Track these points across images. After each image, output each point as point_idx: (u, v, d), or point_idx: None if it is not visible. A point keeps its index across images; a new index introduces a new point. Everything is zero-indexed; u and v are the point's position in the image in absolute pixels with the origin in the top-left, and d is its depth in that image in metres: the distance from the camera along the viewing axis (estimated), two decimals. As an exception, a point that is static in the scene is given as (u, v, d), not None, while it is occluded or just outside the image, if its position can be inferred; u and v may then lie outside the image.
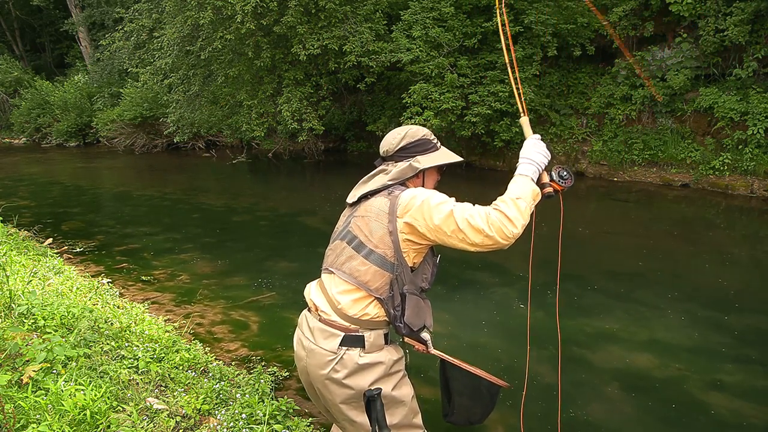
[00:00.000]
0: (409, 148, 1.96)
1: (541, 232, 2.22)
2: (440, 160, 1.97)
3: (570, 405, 3.29)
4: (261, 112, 12.55)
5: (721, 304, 4.81)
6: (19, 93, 24.31)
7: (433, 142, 2.00)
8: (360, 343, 1.84)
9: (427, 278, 1.94)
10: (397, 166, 1.94)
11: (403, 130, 1.99)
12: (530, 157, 1.82)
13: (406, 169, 1.93)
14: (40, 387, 2.42)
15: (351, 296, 1.86)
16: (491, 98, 10.31)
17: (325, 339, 1.87)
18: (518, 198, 1.75)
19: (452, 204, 1.79)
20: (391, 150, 1.96)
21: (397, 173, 1.92)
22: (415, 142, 1.97)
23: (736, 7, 8.88)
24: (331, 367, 1.84)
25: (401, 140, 1.96)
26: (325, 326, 1.88)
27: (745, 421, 3.16)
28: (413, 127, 2.00)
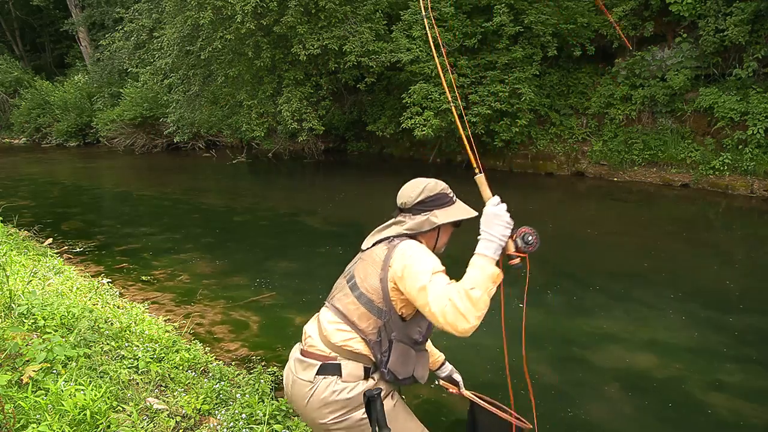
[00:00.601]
0: (427, 202, 1.97)
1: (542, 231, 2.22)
2: (457, 216, 1.99)
3: (570, 405, 3.29)
4: (261, 112, 12.55)
5: (721, 304, 4.81)
6: (19, 93, 24.32)
7: (450, 196, 2.03)
8: (336, 372, 1.87)
9: (422, 332, 1.94)
10: (414, 219, 1.96)
11: (422, 184, 1.99)
12: (490, 231, 1.71)
13: (423, 222, 1.95)
14: (40, 387, 2.41)
15: (338, 326, 1.92)
16: (491, 98, 10.32)
17: (303, 370, 1.92)
18: (472, 288, 1.67)
19: (429, 278, 1.73)
20: (409, 203, 1.97)
21: (413, 225, 1.95)
22: (434, 197, 1.98)
23: (736, 7, 8.88)
24: (308, 397, 1.88)
25: (420, 194, 1.97)
26: (304, 357, 1.94)
27: (745, 421, 3.16)
28: (431, 181, 2.01)
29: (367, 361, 1.90)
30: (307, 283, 5.43)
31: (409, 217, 1.97)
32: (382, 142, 14.58)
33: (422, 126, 10.37)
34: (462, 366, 3.81)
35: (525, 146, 11.73)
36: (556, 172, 11.28)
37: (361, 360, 1.89)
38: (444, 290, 1.68)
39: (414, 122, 10.48)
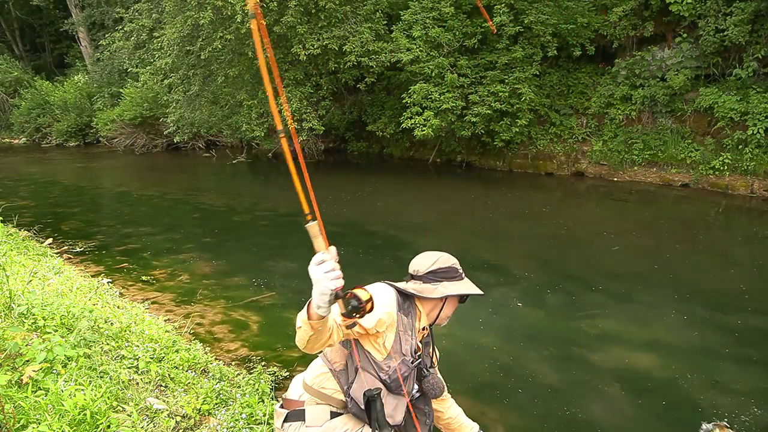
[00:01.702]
0: (438, 272, 2.07)
1: (542, 231, 2.22)
2: (464, 290, 2.07)
3: (570, 405, 3.29)
4: (261, 112, 12.54)
5: (721, 304, 4.82)
6: (19, 93, 24.31)
7: (460, 272, 2.11)
8: (301, 417, 2.00)
9: (389, 373, 1.93)
10: (422, 285, 2.06)
11: (435, 256, 2.10)
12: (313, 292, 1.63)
13: (432, 290, 2.05)
14: (40, 387, 2.41)
15: (316, 365, 2.07)
16: (491, 98, 10.32)
17: (276, 419, 2.09)
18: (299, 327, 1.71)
19: None
20: (422, 271, 2.07)
21: (421, 289, 2.05)
22: (446, 269, 2.08)
23: (736, 7, 8.88)
24: None
25: (433, 264, 2.07)
26: (278, 408, 2.11)
27: (745, 421, 3.16)
28: (444, 255, 2.12)
29: (336, 404, 1.99)
30: (307, 283, 5.37)
31: (418, 283, 2.07)
32: (382, 142, 14.58)
33: (422, 126, 10.37)
34: (461, 365, 3.82)
35: (525, 146, 11.73)
36: (556, 172, 11.28)
37: (330, 402, 1.99)
38: None
39: (414, 122, 10.48)
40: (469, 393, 3.43)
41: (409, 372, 1.99)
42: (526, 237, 7.12)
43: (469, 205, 9.11)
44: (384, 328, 1.91)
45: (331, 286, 1.53)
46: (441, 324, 2.14)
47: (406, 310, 2.03)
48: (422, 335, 2.12)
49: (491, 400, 3.38)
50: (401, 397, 2.00)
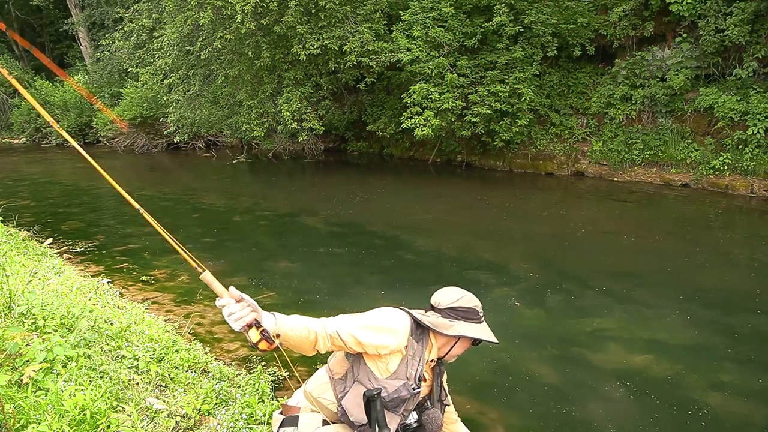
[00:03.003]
0: (459, 311, 2.05)
1: (542, 231, 2.22)
2: (479, 335, 2.05)
3: (570, 405, 3.29)
4: (261, 112, 12.55)
5: (721, 304, 4.81)
6: (19, 93, 24.28)
7: (480, 315, 2.10)
8: (294, 423, 2.03)
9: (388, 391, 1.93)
10: (440, 319, 2.05)
11: (459, 294, 2.09)
12: None
13: (449, 327, 2.03)
14: (40, 387, 2.41)
15: (318, 374, 2.12)
16: (491, 98, 10.31)
17: (273, 425, 2.13)
18: None
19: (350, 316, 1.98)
20: (443, 305, 2.06)
21: (438, 323, 2.03)
22: (467, 309, 2.06)
23: (736, 7, 8.88)
24: None
25: (455, 301, 2.06)
26: (276, 414, 2.15)
27: (745, 421, 3.16)
28: (469, 295, 2.11)
29: (330, 415, 2.01)
30: (307, 283, 5.43)
31: (436, 316, 2.07)
32: (382, 142, 14.58)
33: (422, 126, 10.37)
34: (461, 365, 3.82)
35: (525, 146, 11.73)
36: (556, 172, 11.28)
37: (325, 412, 2.02)
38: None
39: (414, 122, 10.48)
40: (469, 393, 3.43)
41: (408, 396, 1.97)
42: (526, 237, 7.12)
43: (469, 205, 9.11)
44: (387, 352, 1.91)
45: (237, 327, 1.70)
46: (449, 361, 2.13)
47: (418, 337, 2.01)
48: (430, 366, 2.10)
49: (491, 400, 3.38)
50: (394, 415, 1.99)
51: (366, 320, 1.91)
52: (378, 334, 1.88)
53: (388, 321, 1.93)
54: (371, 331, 1.88)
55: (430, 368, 2.09)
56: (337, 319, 1.89)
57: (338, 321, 1.88)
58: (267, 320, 1.75)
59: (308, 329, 1.79)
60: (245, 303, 1.73)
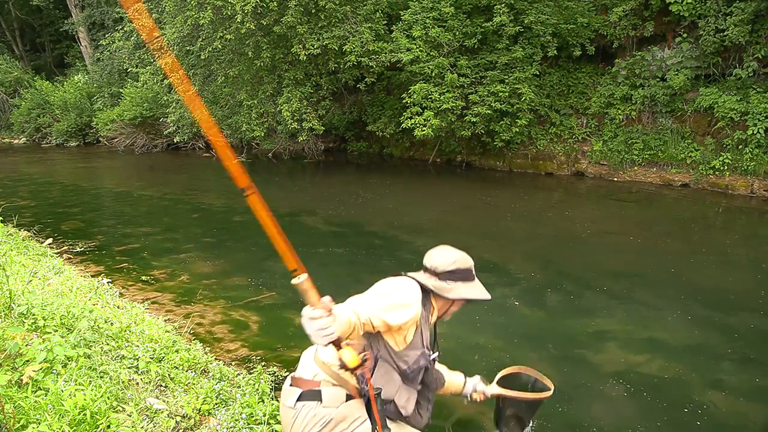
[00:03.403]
0: (456, 273, 2.13)
1: (542, 231, 2.23)
2: (477, 296, 2.16)
3: (570, 405, 3.29)
4: (261, 112, 12.55)
5: (721, 304, 4.81)
6: (19, 93, 24.30)
7: (474, 273, 2.20)
8: (317, 397, 1.96)
9: (408, 363, 2.00)
10: (440, 283, 2.12)
11: (454, 255, 2.15)
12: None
13: (449, 291, 2.11)
14: (40, 387, 2.41)
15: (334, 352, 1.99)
16: (491, 98, 10.32)
17: (287, 398, 2.04)
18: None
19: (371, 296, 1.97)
20: (440, 269, 2.12)
21: (439, 287, 2.11)
22: (464, 271, 2.15)
23: (736, 7, 8.88)
24: (291, 424, 1.98)
25: (452, 264, 2.13)
26: (289, 387, 2.07)
27: (745, 421, 3.16)
28: (463, 256, 2.17)
29: (351, 389, 1.96)
30: (307, 283, 5.41)
31: (436, 280, 2.12)
32: (382, 142, 14.58)
33: (422, 126, 10.38)
34: (460, 365, 3.81)
35: (525, 146, 11.73)
36: (556, 172, 11.28)
37: (346, 386, 1.96)
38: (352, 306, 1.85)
39: (414, 122, 10.48)
40: (469, 393, 3.43)
41: (426, 365, 2.05)
42: (526, 237, 7.12)
43: (469, 205, 9.11)
44: (408, 325, 1.96)
45: (322, 343, 1.59)
46: (445, 319, 2.21)
47: (424, 302, 2.06)
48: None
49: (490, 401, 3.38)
50: (412, 389, 2.03)
51: (386, 300, 1.91)
52: (401, 311, 1.92)
53: (405, 295, 1.97)
54: (396, 310, 1.91)
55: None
56: (360, 305, 1.84)
57: (363, 306, 1.84)
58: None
59: (350, 322, 1.75)
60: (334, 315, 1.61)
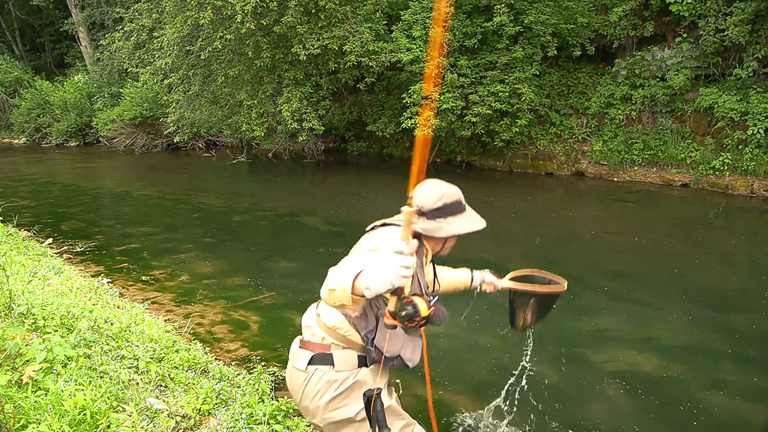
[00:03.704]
0: (444, 209, 1.95)
1: (543, 231, 2.22)
2: (471, 228, 1.98)
3: (570, 405, 3.29)
4: (261, 112, 12.54)
5: (721, 304, 4.81)
6: (19, 93, 24.30)
7: (464, 203, 2.03)
8: (329, 361, 1.90)
9: None
10: (428, 223, 1.95)
11: (440, 189, 1.97)
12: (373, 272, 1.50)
13: (438, 229, 1.95)
14: (40, 387, 2.41)
15: (335, 314, 1.94)
16: (491, 98, 10.32)
17: (298, 360, 1.96)
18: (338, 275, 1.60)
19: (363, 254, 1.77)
20: (426, 207, 1.95)
21: (429, 228, 1.95)
22: (452, 204, 1.97)
23: (736, 7, 8.88)
24: (303, 388, 1.93)
25: (438, 200, 1.95)
26: (299, 349, 1.98)
27: (745, 421, 3.16)
28: (450, 188, 2.00)
29: (360, 349, 1.91)
30: (306, 283, 5.43)
31: (423, 220, 1.96)
32: (382, 142, 14.58)
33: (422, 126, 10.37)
34: (460, 365, 3.82)
35: (525, 146, 11.73)
36: (556, 172, 11.28)
37: (354, 347, 1.90)
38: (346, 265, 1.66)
39: (414, 122, 10.48)
40: (469, 393, 3.43)
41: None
42: (526, 237, 7.12)
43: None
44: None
45: (397, 283, 1.46)
46: (443, 254, 2.08)
47: (418, 251, 1.93)
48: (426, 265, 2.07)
49: (490, 400, 3.38)
50: (417, 338, 1.94)
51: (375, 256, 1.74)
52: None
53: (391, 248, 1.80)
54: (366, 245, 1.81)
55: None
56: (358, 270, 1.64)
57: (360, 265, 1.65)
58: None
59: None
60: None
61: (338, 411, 1.89)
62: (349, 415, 1.89)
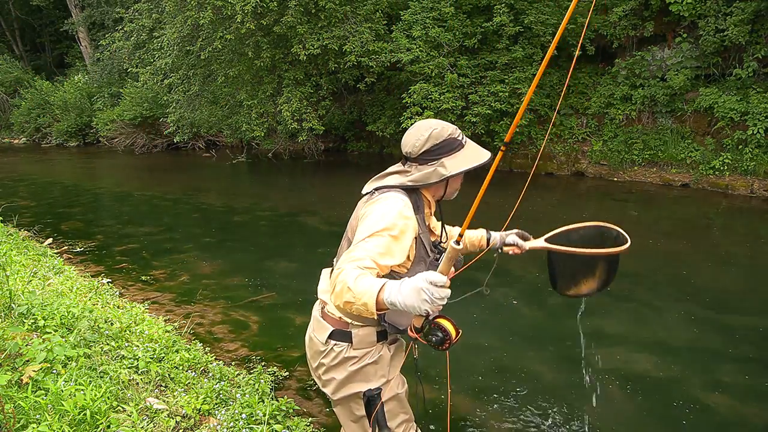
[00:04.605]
0: (434, 150, 1.78)
1: (542, 231, 2.22)
2: (467, 165, 1.78)
3: (570, 405, 3.30)
4: (261, 112, 12.55)
5: (721, 304, 4.81)
6: (19, 93, 24.31)
7: (459, 139, 1.81)
8: (347, 339, 1.86)
9: None
10: (420, 169, 1.80)
11: (427, 130, 1.79)
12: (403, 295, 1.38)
13: (431, 174, 1.78)
14: (40, 387, 2.41)
15: None
16: (491, 98, 10.32)
17: (319, 330, 1.92)
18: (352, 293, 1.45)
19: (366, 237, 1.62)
20: (415, 152, 1.79)
21: (420, 177, 1.79)
22: (441, 144, 1.78)
23: (736, 7, 8.88)
24: (319, 359, 1.91)
25: (425, 142, 1.77)
26: (321, 318, 1.93)
27: (745, 421, 3.16)
28: (438, 125, 1.80)
29: (378, 324, 1.84)
30: (306, 283, 5.41)
31: (415, 167, 1.81)
32: (382, 142, 14.58)
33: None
34: (460, 365, 3.82)
35: (525, 146, 11.74)
36: (556, 172, 11.28)
37: (372, 324, 1.84)
38: (352, 264, 1.54)
39: (414, 122, 10.48)
40: (469, 393, 3.43)
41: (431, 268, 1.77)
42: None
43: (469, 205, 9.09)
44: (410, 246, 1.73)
45: (425, 311, 1.36)
46: (450, 198, 1.92)
47: (416, 207, 1.79)
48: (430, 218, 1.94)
49: (490, 400, 3.38)
50: None
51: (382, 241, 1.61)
52: (401, 243, 1.66)
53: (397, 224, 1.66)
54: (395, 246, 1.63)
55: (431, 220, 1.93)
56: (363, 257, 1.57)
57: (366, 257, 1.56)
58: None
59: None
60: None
61: (350, 386, 1.87)
62: (358, 390, 1.87)
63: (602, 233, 2.09)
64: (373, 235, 1.62)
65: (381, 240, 1.61)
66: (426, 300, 1.34)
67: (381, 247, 1.60)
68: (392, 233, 1.64)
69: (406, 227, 1.69)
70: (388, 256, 1.61)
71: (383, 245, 1.61)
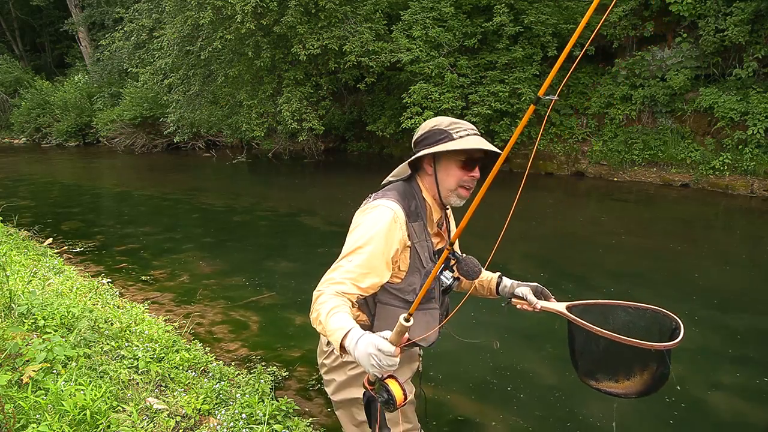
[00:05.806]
0: (419, 142, 1.71)
1: (543, 232, 2.21)
2: (446, 147, 1.62)
3: (570, 405, 3.29)
4: (261, 112, 12.56)
5: (721, 304, 4.81)
6: (19, 93, 24.33)
7: (447, 131, 1.65)
8: None
9: (416, 290, 1.72)
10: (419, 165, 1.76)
11: (428, 123, 1.74)
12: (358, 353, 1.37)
13: (403, 167, 1.73)
14: (40, 387, 2.41)
15: None
16: (491, 98, 10.32)
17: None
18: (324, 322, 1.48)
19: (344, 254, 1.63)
20: (413, 145, 1.75)
21: (396, 171, 1.76)
22: (425, 135, 1.69)
23: (736, 7, 8.88)
24: (321, 360, 1.96)
25: (417, 133, 1.73)
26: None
27: (745, 421, 3.16)
28: (438, 118, 1.72)
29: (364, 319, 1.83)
30: (306, 283, 5.41)
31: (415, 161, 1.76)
32: (382, 142, 14.58)
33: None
34: (460, 365, 3.82)
35: (525, 146, 11.73)
36: (556, 172, 11.27)
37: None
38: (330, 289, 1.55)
39: (414, 122, 10.48)
40: (469, 393, 3.43)
41: (433, 285, 1.73)
42: (526, 237, 7.12)
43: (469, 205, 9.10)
44: (395, 261, 1.66)
45: (374, 373, 1.39)
46: (452, 202, 1.76)
47: (414, 214, 1.70)
48: (436, 223, 1.81)
49: (490, 401, 3.38)
50: (432, 312, 1.76)
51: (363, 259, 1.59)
52: (383, 259, 1.60)
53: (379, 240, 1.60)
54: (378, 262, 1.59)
55: (437, 227, 1.82)
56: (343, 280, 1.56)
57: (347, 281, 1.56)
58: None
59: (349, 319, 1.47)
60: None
61: (350, 390, 1.88)
62: (358, 395, 1.85)
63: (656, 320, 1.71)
64: (355, 251, 1.61)
65: (361, 258, 1.60)
66: (374, 365, 1.34)
67: (363, 267, 1.59)
68: (374, 249, 1.60)
69: (391, 241, 1.63)
70: (372, 274, 1.60)
71: (365, 264, 1.59)
